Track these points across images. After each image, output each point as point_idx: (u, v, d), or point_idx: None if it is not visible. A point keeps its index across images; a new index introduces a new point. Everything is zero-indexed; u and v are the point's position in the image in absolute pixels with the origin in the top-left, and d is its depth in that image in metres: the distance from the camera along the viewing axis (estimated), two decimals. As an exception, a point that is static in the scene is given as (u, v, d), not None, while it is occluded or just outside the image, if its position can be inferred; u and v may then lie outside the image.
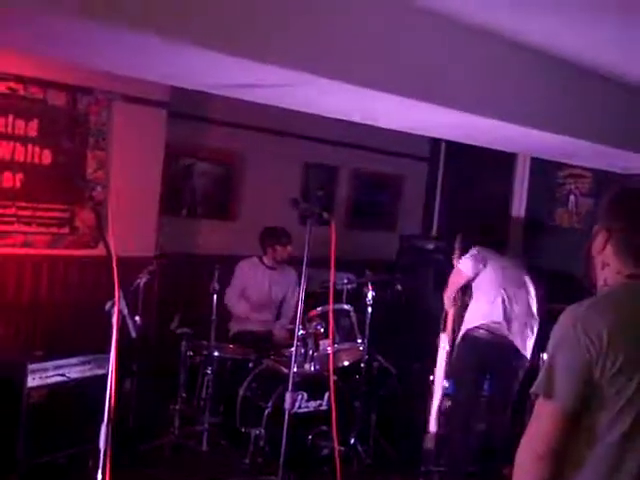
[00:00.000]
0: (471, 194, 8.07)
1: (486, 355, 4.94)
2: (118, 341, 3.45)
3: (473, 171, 8.06)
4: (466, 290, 5.27)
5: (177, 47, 3.26)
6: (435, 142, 8.44)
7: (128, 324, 3.67)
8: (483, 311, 4.98)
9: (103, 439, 3.35)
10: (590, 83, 5.08)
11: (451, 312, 5.28)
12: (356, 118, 5.19)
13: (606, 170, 6.60)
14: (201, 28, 3.22)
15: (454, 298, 5.25)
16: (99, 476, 3.33)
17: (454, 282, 5.21)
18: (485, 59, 4.48)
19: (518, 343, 4.88)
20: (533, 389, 2.02)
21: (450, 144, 8.11)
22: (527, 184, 7.75)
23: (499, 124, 4.76)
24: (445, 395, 5.25)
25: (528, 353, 4.92)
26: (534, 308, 5.01)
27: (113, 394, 3.36)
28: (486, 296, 5.01)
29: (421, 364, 5.86)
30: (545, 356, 2.10)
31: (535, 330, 4.96)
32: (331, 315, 4.55)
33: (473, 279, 5.11)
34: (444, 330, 5.27)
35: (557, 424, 1.95)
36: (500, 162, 7.64)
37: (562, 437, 1.94)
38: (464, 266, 5.11)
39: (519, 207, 7.85)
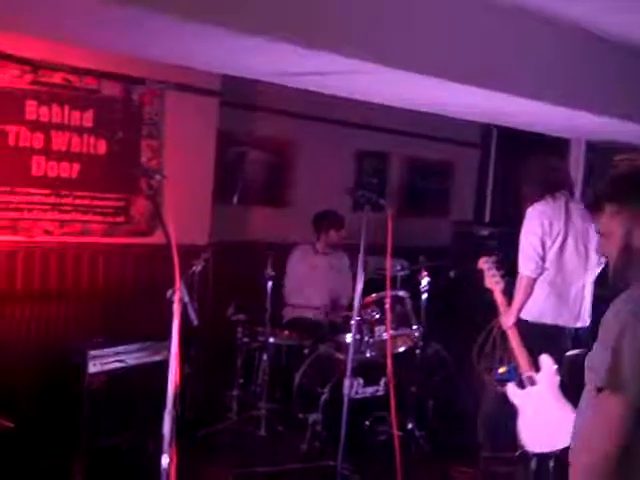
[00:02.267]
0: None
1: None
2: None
3: (525, 156, 7.94)
4: None
5: (240, 38, 3.29)
6: (486, 128, 8.35)
7: (189, 312, 3.68)
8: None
9: (167, 425, 3.37)
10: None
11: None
12: (416, 106, 5.18)
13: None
14: (263, 18, 3.24)
15: None
16: (164, 461, 3.35)
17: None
18: (542, 44, 4.43)
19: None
20: (598, 383, 1.91)
21: (501, 129, 8.01)
22: (582, 169, 7.62)
23: (556, 109, 4.72)
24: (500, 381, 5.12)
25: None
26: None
27: (177, 380, 3.38)
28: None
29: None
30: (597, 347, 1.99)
31: None
32: (389, 301, 4.53)
33: None
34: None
35: (629, 419, 1.84)
36: (553, 146, 7.52)
37: (633, 432, 1.84)
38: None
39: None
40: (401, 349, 5.47)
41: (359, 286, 4.29)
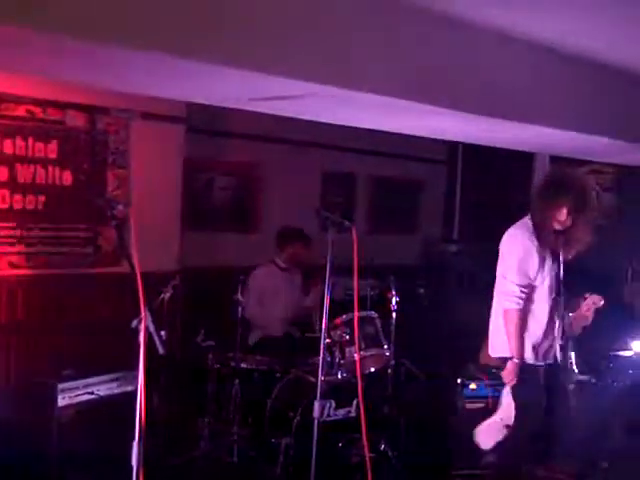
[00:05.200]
0: (491, 195, 8.05)
1: None
2: (145, 358, 3.47)
3: (492, 172, 8.04)
4: None
5: (195, 66, 3.31)
6: (452, 145, 8.42)
7: (155, 340, 3.67)
8: None
9: (135, 456, 3.35)
10: (607, 80, 5.09)
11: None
12: (380, 127, 5.22)
13: (626, 164, 6.58)
14: (217, 46, 3.26)
15: None
16: (133, 492, 3.34)
17: None
18: (505, 61, 4.49)
19: None
20: None
21: (467, 146, 8.09)
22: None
23: (520, 126, 4.78)
24: None
25: None
26: None
27: (143, 411, 3.37)
28: None
29: (448, 366, 5.84)
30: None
31: None
32: (356, 323, 4.54)
33: None
34: None
35: None
36: (519, 161, 7.61)
37: None
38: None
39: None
40: (372, 369, 5.48)
41: (325, 307, 4.28)
